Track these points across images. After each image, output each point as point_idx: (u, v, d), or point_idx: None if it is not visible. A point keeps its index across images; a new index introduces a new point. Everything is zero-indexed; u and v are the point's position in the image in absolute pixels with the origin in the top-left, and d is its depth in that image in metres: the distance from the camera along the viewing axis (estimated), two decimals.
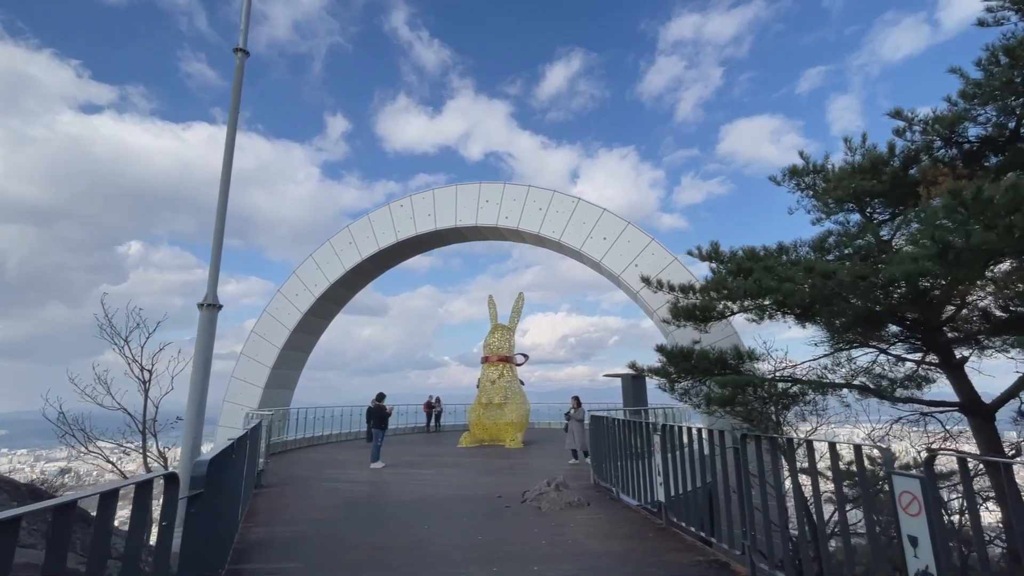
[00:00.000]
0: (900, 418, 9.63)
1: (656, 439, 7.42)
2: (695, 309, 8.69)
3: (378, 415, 13.91)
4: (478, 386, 28.19)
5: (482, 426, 18.93)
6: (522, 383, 21.77)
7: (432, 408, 25.67)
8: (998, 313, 7.46)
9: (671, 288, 9.76)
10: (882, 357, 8.81)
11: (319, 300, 21.00)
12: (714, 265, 8.73)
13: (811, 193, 8.40)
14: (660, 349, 9.13)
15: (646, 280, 10.57)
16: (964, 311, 7.71)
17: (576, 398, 15.20)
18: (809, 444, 4.61)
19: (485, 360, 20.56)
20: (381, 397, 14.23)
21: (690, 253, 9.18)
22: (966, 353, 8.10)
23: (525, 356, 22.76)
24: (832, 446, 4.27)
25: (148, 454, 13.73)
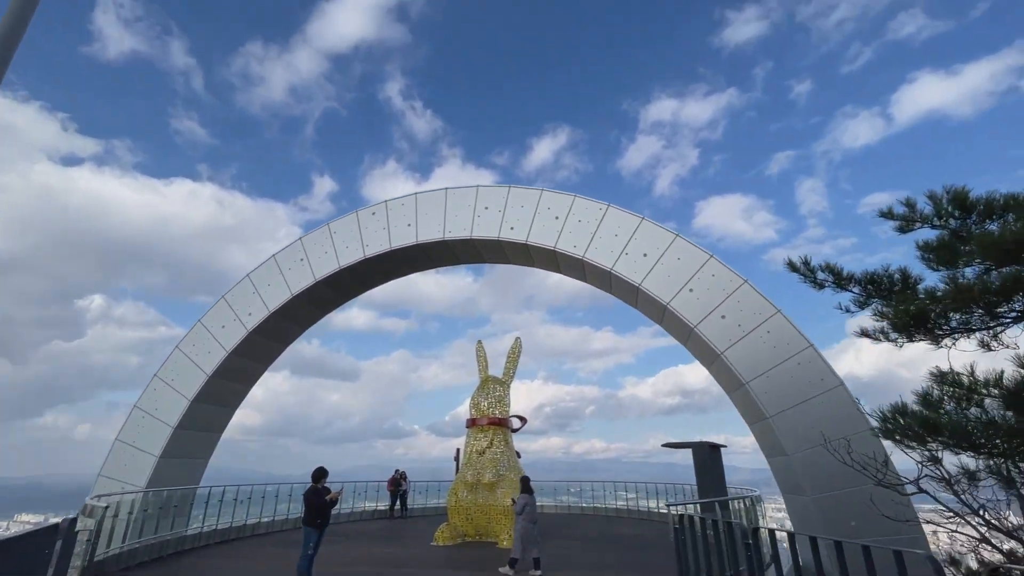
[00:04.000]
0: None
1: None
2: (980, 294, 4.47)
3: (314, 504, 8.96)
4: (456, 459, 22.85)
5: (466, 515, 14.08)
6: (519, 455, 17.09)
7: (398, 487, 20.33)
8: None
9: (849, 280, 5.63)
10: None
11: (253, 335, 16.16)
12: (952, 223, 4.76)
13: None
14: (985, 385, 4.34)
15: (804, 267, 6.33)
16: None
17: (525, 479, 11.01)
18: None
19: (472, 423, 16.05)
20: (319, 475, 9.30)
21: (885, 215, 5.23)
22: None
23: (523, 419, 18.21)
24: None
25: None
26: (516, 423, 17.88)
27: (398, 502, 20.30)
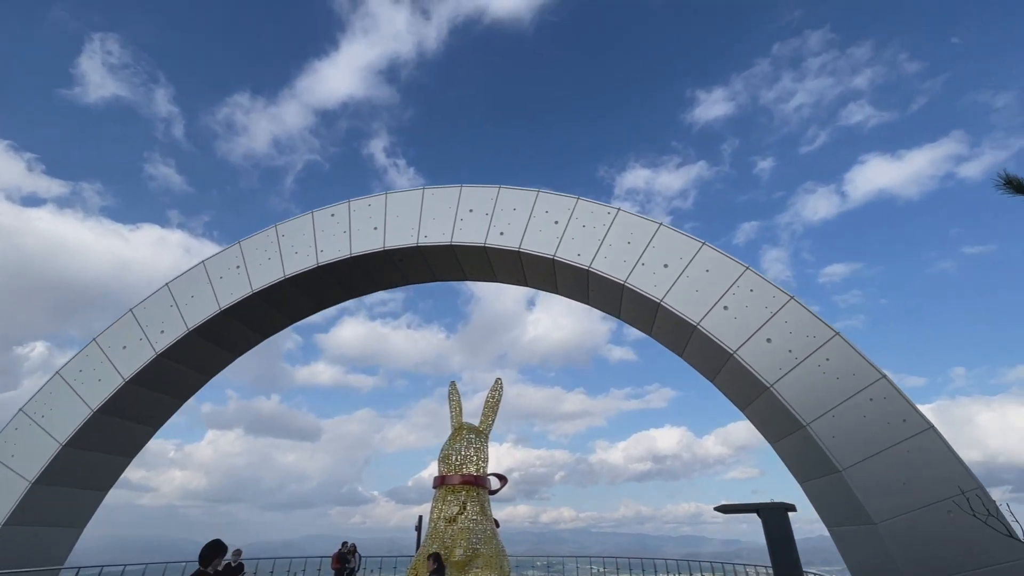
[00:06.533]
0: None
1: None
2: None
3: None
4: (418, 527, 19.10)
5: None
6: (497, 524, 13.87)
7: (345, 563, 16.45)
8: None
9: None
10: None
11: (163, 358, 12.62)
12: None
13: None
14: None
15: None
16: None
17: (435, 556, 9.00)
18: None
19: (440, 482, 12.93)
20: (212, 553, 5.93)
21: None
22: None
23: (503, 479, 15.13)
24: None
25: None
26: (495, 483, 14.62)
27: None
